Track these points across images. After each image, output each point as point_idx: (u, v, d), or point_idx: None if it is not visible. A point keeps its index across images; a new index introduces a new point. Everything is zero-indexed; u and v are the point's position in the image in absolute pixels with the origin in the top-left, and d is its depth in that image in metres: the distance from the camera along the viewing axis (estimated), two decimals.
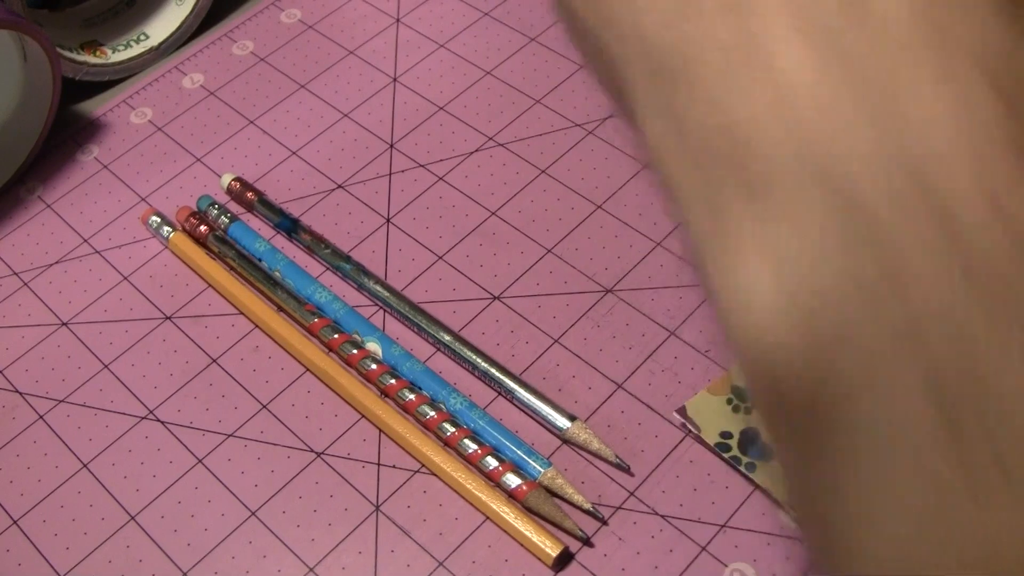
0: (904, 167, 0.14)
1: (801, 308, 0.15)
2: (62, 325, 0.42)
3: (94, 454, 0.38)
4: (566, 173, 0.45)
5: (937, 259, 0.14)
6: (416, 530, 0.36)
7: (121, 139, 0.48)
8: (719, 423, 0.36)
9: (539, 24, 0.51)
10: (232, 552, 0.36)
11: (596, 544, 0.35)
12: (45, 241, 0.45)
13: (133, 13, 0.52)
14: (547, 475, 0.36)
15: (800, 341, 0.15)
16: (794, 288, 0.15)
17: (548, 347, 0.40)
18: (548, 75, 0.49)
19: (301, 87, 0.49)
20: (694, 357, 0.39)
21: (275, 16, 0.53)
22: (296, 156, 0.47)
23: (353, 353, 0.39)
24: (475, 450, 0.36)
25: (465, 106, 0.48)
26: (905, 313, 0.14)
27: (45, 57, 0.44)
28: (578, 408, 0.38)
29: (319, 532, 0.36)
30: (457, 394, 0.38)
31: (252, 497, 0.37)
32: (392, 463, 0.37)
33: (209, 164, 0.47)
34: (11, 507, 0.37)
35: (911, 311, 0.14)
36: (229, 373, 0.40)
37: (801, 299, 0.15)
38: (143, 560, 0.36)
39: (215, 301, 0.42)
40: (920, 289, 0.14)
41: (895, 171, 0.14)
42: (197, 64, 0.51)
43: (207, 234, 0.43)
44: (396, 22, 0.52)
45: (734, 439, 0.35)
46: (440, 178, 0.45)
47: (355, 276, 0.42)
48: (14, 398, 0.40)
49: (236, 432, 0.38)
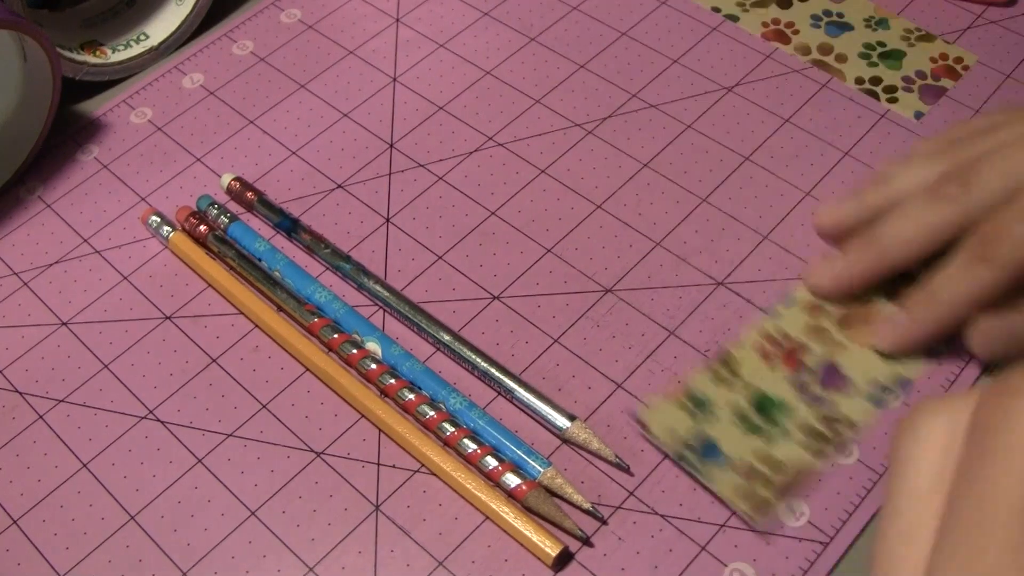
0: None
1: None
2: (62, 325, 0.42)
3: (94, 454, 0.38)
4: (566, 173, 0.45)
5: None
6: (416, 530, 0.36)
7: (121, 139, 0.48)
8: (672, 428, 0.37)
9: (539, 24, 0.51)
10: (232, 552, 0.36)
11: (596, 544, 0.35)
12: (45, 241, 0.45)
13: (133, 13, 0.52)
14: (547, 475, 0.36)
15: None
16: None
17: (548, 347, 0.40)
18: (548, 75, 0.49)
19: (301, 87, 0.49)
20: (694, 357, 0.39)
21: (275, 16, 0.53)
22: (296, 156, 0.47)
23: (353, 353, 0.39)
24: (475, 450, 0.36)
25: (465, 106, 0.48)
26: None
27: (45, 57, 0.44)
28: (578, 408, 0.38)
29: (319, 532, 0.36)
30: (457, 394, 0.38)
31: (252, 497, 0.37)
32: (392, 463, 0.37)
33: (209, 164, 0.47)
34: (11, 507, 0.37)
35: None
36: (229, 373, 0.40)
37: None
38: (143, 560, 0.36)
39: (215, 301, 0.42)
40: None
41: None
42: (197, 64, 0.51)
43: (207, 234, 0.43)
44: (396, 22, 0.52)
45: (688, 446, 0.36)
46: (440, 178, 0.45)
47: (355, 276, 0.42)
48: (14, 398, 0.40)
49: (236, 432, 0.38)
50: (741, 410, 0.37)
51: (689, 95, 0.48)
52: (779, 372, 0.38)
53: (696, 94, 0.48)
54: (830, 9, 0.51)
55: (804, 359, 0.38)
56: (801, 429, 0.37)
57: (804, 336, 0.39)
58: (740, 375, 0.38)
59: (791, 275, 0.41)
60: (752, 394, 0.38)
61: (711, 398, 0.37)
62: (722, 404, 0.37)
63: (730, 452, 0.36)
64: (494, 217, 0.44)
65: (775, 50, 0.49)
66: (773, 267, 0.41)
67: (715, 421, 0.37)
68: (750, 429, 0.37)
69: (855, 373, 0.38)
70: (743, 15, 0.51)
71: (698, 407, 0.37)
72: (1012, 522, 0.16)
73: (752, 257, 0.42)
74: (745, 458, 0.36)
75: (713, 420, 0.37)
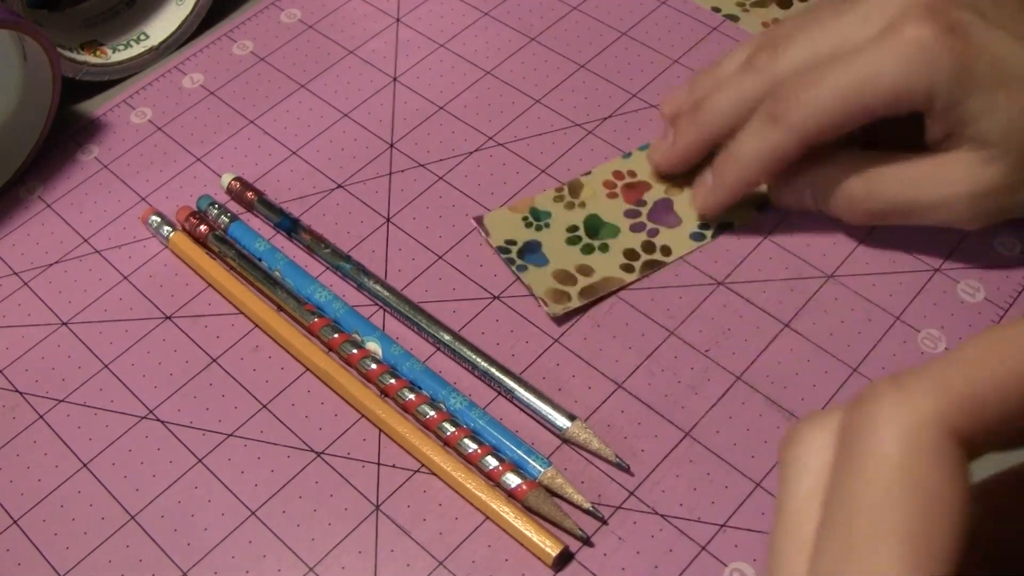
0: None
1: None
2: (62, 325, 0.42)
3: (94, 454, 0.38)
4: (566, 173, 0.45)
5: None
6: (416, 530, 0.36)
7: (121, 139, 0.48)
8: (508, 233, 0.42)
9: (539, 24, 0.51)
10: (232, 552, 0.36)
11: (596, 544, 0.35)
12: (45, 241, 0.45)
13: (133, 13, 0.52)
14: (547, 475, 0.36)
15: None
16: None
17: (548, 347, 0.40)
18: (548, 75, 0.49)
19: (301, 87, 0.49)
20: (693, 357, 0.39)
21: (275, 16, 0.53)
22: (296, 156, 0.47)
23: (353, 353, 0.39)
24: (475, 450, 0.36)
25: (465, 106, 0.48)
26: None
27: (45, 57, 0.44)
28: (578, 408, 0.38)
29: (319, 532, 0.36)
30: (457, 394, 0.38)
31: (252, 497, 0.37)
32: (392, 463, 0.37)
33: (209, 164, 0.47)
34: (11, 507, 0.37)
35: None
36: (229, 373, 0.40)
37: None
38: (143, 560, 0.36)
39: (215, 301, 0.42)
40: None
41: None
42: (197, 64, 0.51)
43: (207, 234, 0.43)
44: (396, 22, 0.52)
45: (516, 246, 0.42)
46: (440, 178, 0.45)
47: (355, 276, 0.42)
48: (14, 398, 0.40)
49: (236, 432, 0.38)
50: (574, 227, 0.42)
51: None
52: (617, 201, 0.43)
53: None
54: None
55: (643, 196, 0.43)
56: (622, 251, 0.41)
57: (649, 178, 0.43)
58: (581, 198, 0.43)
59: (791, 275, 0.41)
60: (587, 216, 0.42)
61: (551, 214, 0.42)
62: (558, 220, 0.42)
63: (551, 257, 0.41)
64: None
65: None
66: (773, 267, 0.41)
67: (547, 232, 0.42)
68: (575, 242, 0.42)
69: (685, 214, 0.42)
70: (743, 15, 0.51)
71: (536, 219, 0.42)
72: (873, 518, 0.17)
73: (752, 257, 0.42)
74: (563, 265, 0.41)
75: (546, 232, 0.42)
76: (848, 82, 0.36)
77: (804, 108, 0.37)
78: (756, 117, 0.39)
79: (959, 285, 0.41)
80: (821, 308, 0.40)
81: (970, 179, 0.37)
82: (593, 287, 0.40)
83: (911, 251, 0.42)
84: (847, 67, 0.36)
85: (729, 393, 0.38)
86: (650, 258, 0.41)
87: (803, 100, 0.37)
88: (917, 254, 0.42)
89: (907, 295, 0.40)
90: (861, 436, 0.18)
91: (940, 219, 0.39)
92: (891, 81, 0.36)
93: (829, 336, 0.39)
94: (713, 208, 0.42)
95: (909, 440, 0.17)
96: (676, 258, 0.41)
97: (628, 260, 0.41)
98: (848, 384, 0.38)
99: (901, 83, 0.36)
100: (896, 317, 0.40)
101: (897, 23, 0.36)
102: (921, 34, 0.35)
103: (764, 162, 0.39)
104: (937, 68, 0.35)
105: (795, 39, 0.39)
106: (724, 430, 0.37)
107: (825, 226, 0.42)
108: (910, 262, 0.41)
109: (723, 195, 0.41)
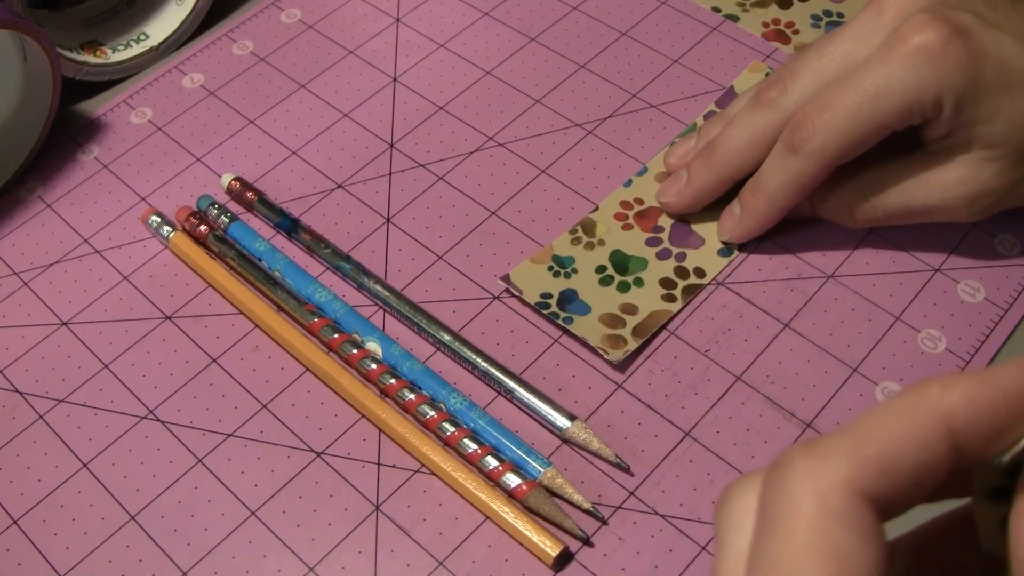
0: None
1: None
2: (62, 325, 0.42)
3: (94, 454, 0.38)
4: (566, 173, 0.45)
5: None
6: (416, 530, 0.36)
7: (121, 139, 0.48)
8: (539, 287, 0.41)
9: (539, 24, 0.51)
10: (232, 552, 0.36)
11: (596, 544, 0.35)
12: (45, 241, 0.45)
13: (133, 13, 0.52)
14: (547, 475, 0.36)
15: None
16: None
17: (548, 347, 0.40)
18: (548, 75, 0.49)
19: (301, 87, 0.49)
20: (693, 356, 0.39)
21: (275, 16, 0.53)
22: (296, 156, 0.47)
23: (353, 353, 0.39)
24: (475, 450, 0.36)
25: (465, 106, 0.48)
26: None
27: (45, 57, 0.44)
28: (578, 408, 0.38)
29: (319, 532, 0.36)
30: (457, 394, 0.38)
31: (252, 497, 0.37)
32: (392, 463, 0.37)
33: (209, 164, 0.47)
34: (11, 507, 0.37)
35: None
36: (229, 373, 0.40)
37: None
38: (143, 560, 0.36)
39: (215, 301, 0.42)
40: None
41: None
42: (197, 64, 0.51)
43: (207, 234, 0.43)
44: (396, 22, 0.52)
45: (553, 299, 0.40)
46: (440, 178, 0.45)
47: (355, 276, 0.42)
48: (14, 398, 0.40)
49: (236, 432, 0.38)
50: (602, 267, 0.41)
51: (689, 95, 0.48)
52: (634, 232, 0.42)
53: (696, 94, 0.48)
54: (830, 9, 0.51)
55: (658, 221, 0.42)
56: (657, 281, 0.41)
57: (656, 201, 0.43)
58: (598, 236, 0.42)
59: (791, 275, 0.41)
60: (611, 253, 0.42)
61: (573, 258, 0.41)
62: (583, 263, 0.41)
63: (591, 303, 0.40)
64: (494, 217, 0.44)
65: (775, 50, 0.49)
66: (773, 266, 0.41)
67: (578, 278, 0.41)
68: (608, 282, 0.41)
69: (705, 233, 0.42)
70: (743, 15, 0.51)
71: (561, 267, 0.41)
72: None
73: (752, 257, 0.42)
74: (606, 308, 0.40)
75: (576, 278, 0.41)
76: (860, 100, 0.36)
77: (822, 133, 0.37)
78: (776, 150, 0.39)
79: (959, 285, 0.41)
80: (821, 308, 0.40)
81: (970, 180, 0.37)
82: (643, 324, 0.39)
83: (911, 251, 0.42)
84: (857, 85, 0.36)
85: (729, 393, 0.38)
86: (688, 283, 0.41)
87: (819, 126, 0.37)
88: (917, 254, 0.42)
89: (907, 295, 0.40)
90: (777, 500, 0.19)
91: (938, 219, 0.39)
92: (903, 92, 0.36)
93: (829, 336, 0.39)
94: (742, 238, 0.42)
95: (821, 503, 0.18)
96: (711, 278, 0.41)
97: (667, 290, 0.40)
98: (848, 384, 0.38)
99: (912, 93, 0.36)
100: (896, 317, 0.40)
101: (901, 33, 0.36)
102: (927, 40, 0.35)
103: (791, 192, 0.39)
104: (946, 74, 0.35)
105: (799, 72, 0.39)
106: (724, 430, 0.37)
107: (825, 226, 0.42)
108: (910, 262, 0.41)
109: (753, 225, 0.41)
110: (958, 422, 0.18)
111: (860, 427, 0.19)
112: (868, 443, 0.18)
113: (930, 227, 0.42)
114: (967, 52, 0.35)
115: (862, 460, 0.18)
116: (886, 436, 0.18)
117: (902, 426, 0.18)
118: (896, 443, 0.18)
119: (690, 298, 0.40)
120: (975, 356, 0.39)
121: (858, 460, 0.18)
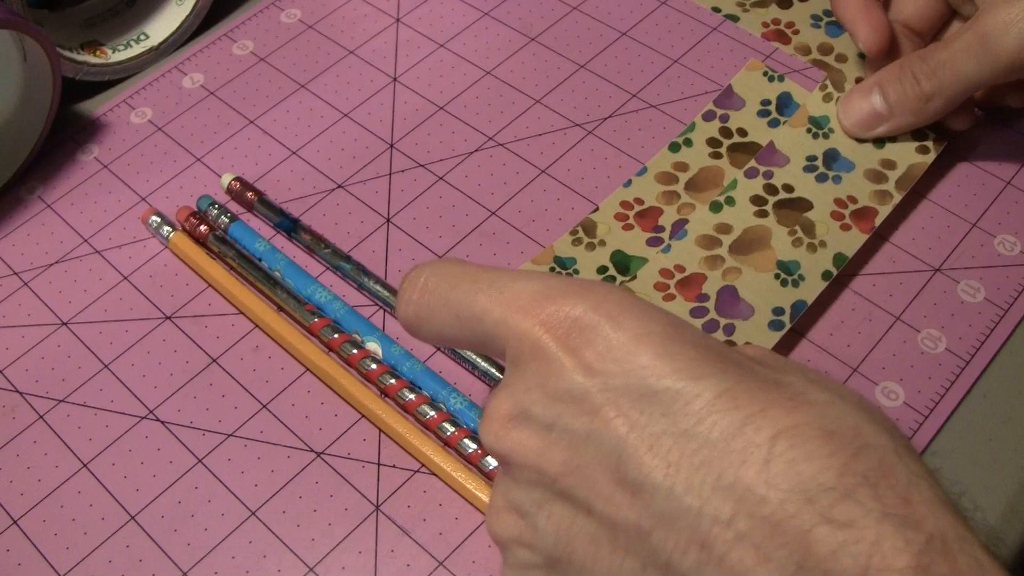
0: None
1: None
2: (62, 325, 0.42)
3: (94, 454, 0.38)
4: (566, 173, 0.45)
5: None
6: (416, 530, 0.36)
7: (121, 139, 0.48)
8: None
9: (539, 24, 0.51)
10: (232, 552, 0.36)
11: None
12: (45, 241, 0.45)
13: (133, 13, 0.52)
14: None
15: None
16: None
17: None
18: (548, 75, 0.49)
19: (301, 87, 0.49)
20: None
21: (275, 16, 0.53)
22: (296, 156, 0.47)
23: (353, 353, 0.39)
24: (475, 450, 0.36)
25: (465, 106, 0.48)
26: None
27: (45, 57, 0.44)
28: None
29: (319, 532, 0.36)
30: (457, 394, 0.38)
31: (252, 497, 0.37)
32: (392, 463, 0.37)
33: (209, 164, 0.47)
34: (11, 507, 0.37)
35: None
36: (229, 373, 0.40)
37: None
38: (143, 560, 0.36)
39: (215, 301, 0.42)
40: None
41: None
42: (197, 64, 0.51)
43: (207, 234, 0.43)
44: (396, 22, 0.52)
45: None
46: (440, 178, 0.45)
47: (355, 276, 0.42)
48: (14, 398, 0.40)
49: (236, 432, 0.38)
50: (603, 268, 0.41)
51: (689, 95, 0.48)
52: (635, 232, 0.42)
53: (696, 94, 0.48)
54: (830, 9, 0.51)
55: (658, 220, 0.42)
56: (651, 281, 0.40)
57: (658, 202, 0.43)
58: (599, 236, 0.42)
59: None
60: (612, 254, 0.41)
61: (575, 259, 0.41)
62: (585, 263, 0.41)
63: None
64: (494, 217, 0.44)
65: (775, 50, 0.49)
66: None
67: (578, 277, 0.39)
68: (609, 281, 0.40)
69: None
70: (743, 15, 0.51)
71: (562, 267, 0.41)
72: None
73: None
74: None
75: (577, 277, 0.40)
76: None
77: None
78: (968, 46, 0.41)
79: (959, 285, 0.41)
80: (821, 308, 0.40)
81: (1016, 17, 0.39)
82: None
83: (911, 251, 0.42)
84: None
85: None
86: (683, 277, 0.40)
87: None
88: (917, 254, 0.42)
89: (907, 295, 0.40)
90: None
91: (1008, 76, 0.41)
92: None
93: (829, 336, 0.39)
94: (886, 134, 0.43)
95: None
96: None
97: (656, 291, 0.40)
98: (848, 384, 0.38)
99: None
100: (896, 317, 0.40)
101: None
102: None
103: (966, 89, 0.41)
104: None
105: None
106: None
107: None
108: (910, 262, 0.41)
109: (908, 125, 0.43)
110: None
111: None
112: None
113: (930, 227, 0.42)
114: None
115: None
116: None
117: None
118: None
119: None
120: (975, 356, 0.39)
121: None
